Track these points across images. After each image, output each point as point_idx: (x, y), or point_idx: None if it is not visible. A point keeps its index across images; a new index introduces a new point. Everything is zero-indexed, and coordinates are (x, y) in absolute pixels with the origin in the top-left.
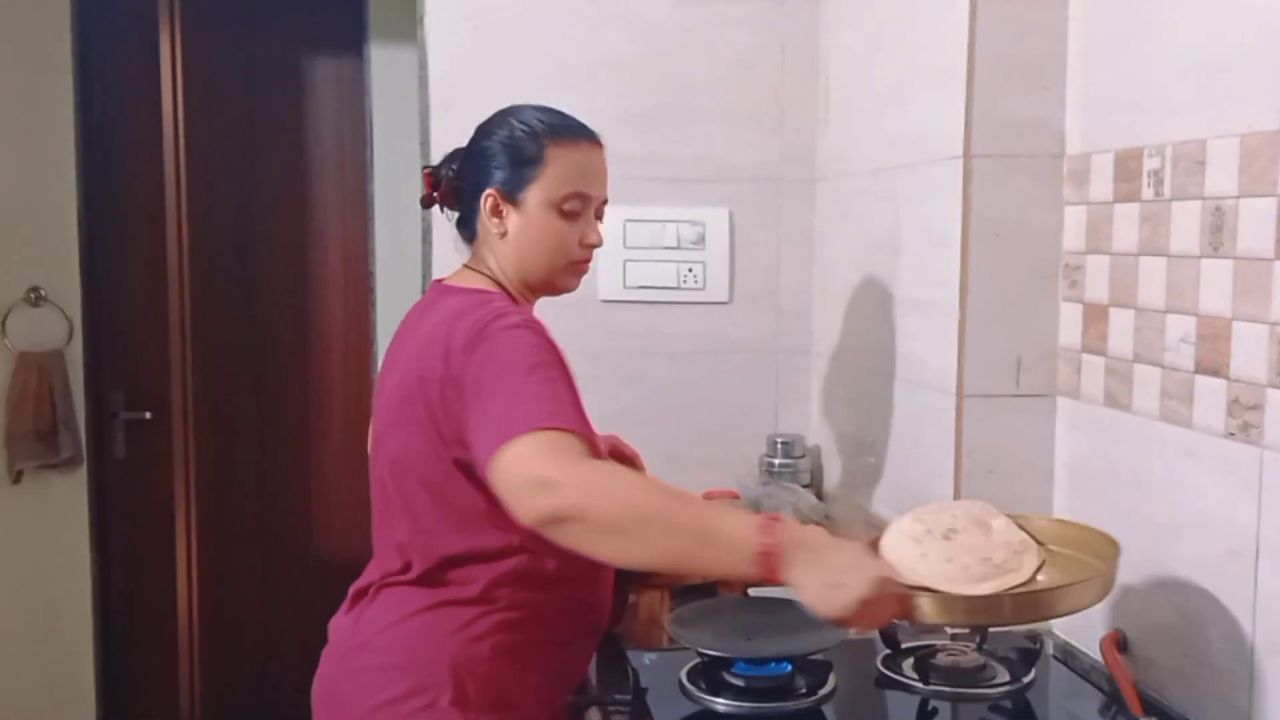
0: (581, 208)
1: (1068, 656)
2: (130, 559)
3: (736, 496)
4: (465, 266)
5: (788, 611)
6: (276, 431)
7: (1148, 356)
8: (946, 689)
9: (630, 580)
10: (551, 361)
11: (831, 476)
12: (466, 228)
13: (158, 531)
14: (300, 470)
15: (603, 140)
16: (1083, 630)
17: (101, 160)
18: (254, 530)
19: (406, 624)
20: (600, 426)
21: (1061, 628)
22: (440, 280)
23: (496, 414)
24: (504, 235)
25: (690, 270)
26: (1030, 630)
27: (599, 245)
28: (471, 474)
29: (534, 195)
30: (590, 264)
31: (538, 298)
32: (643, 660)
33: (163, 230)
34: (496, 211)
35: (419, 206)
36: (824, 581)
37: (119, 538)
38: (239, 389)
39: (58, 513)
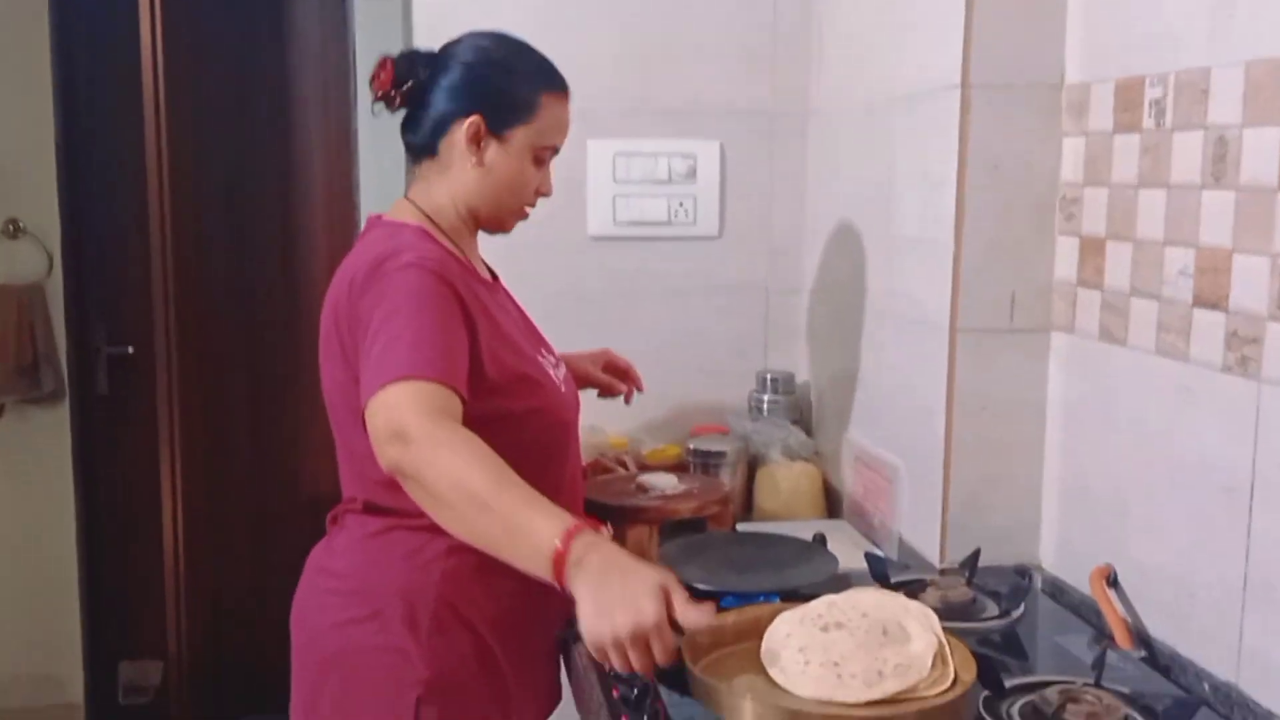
0: (549, 158)
1: (1057, 591)
2: (115, 494)
3: (726, 433)
4: (404, 199)
5: (778, 546)
6: (263, 365)
7: (1145, 290)
8: None
9: (615, 515)
10: (434, 304)
11: (821, 414)
12: (420, 139)
13: (143, 467)
14: (289, 404)
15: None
16: (1072, 565)
17: (80, 88)
18: (242, 465)
19: (360, 550)
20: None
21: (1051, 562)
22: (378, 216)
23: (374, 359)
24: (477, 165)
25: (681, 204)
26: (1019, 564)
27: (549, 196)
28: None
29: (520, 136)
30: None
31: (475, 232)
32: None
33: (142, 161)
34: (476, 140)
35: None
36: (596, 607)
37: (103, 473)
38: (225, 323)
39: (41, 448)
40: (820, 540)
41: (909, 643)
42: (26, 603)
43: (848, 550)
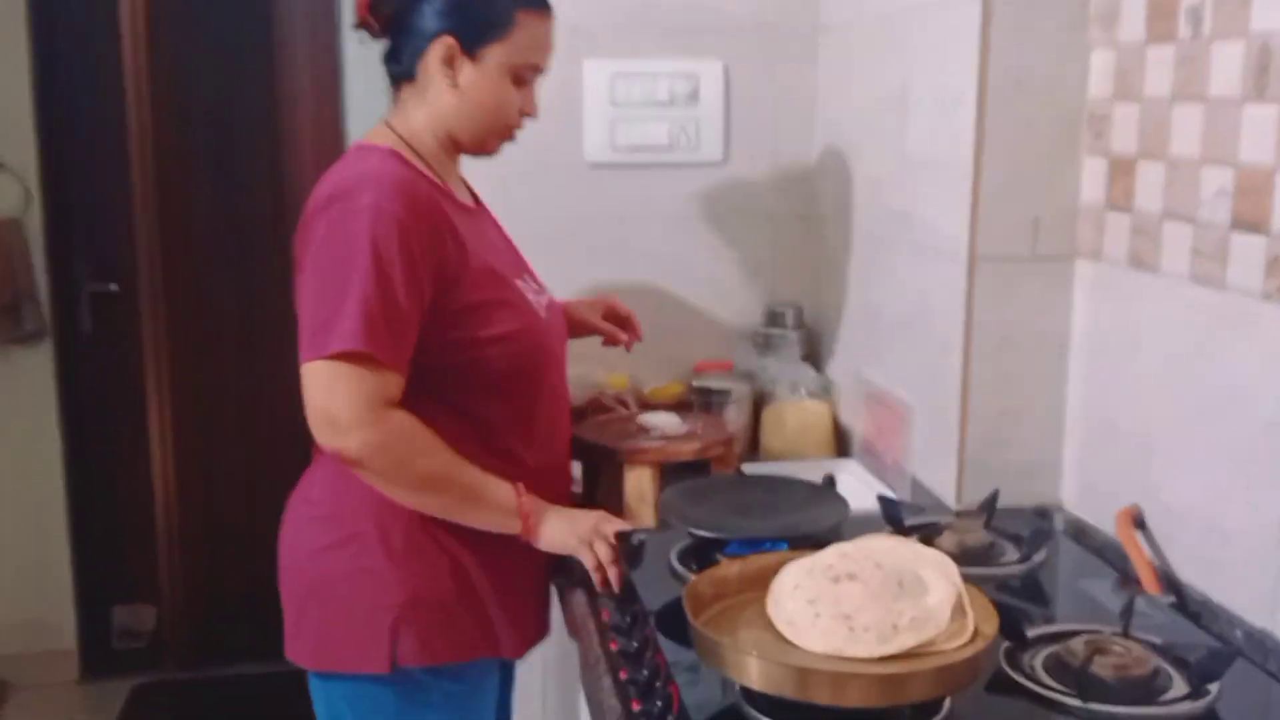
0: (531, 78)
1: (1079, 533)
2: (102, 437)
3: (730, 369)
4: (382, 124)
5: (786, 489)
6: (253, 298)
7: (1179, 212)
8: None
9: (613, 456)
10: (386, 260)
11: (831, 349)
12: (400, 65)
13: (130, 408)
14: (281, 338)
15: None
16: (1096, 505)
17: (56, 15)
18: (234, 403)
19: (335, 476)
20: (582, 296)
21: (1073, 503)
22: (358, 142)
23: (308, 319)
24: (452, 87)
25: (683, 128)
26: (1039, 505)
27: (535, 118)
28: None
29: (494, 56)
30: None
31: (457, 157)
32: (631, 540)
33: (123, 93)
34: (449, 62)
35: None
36: (562, 530)
37: (90, 415)
38: (213, 257)
39: (24, 388)
40: (830, 482)
41: (926, 594)
42: (15, 548)
43: (859, 492)
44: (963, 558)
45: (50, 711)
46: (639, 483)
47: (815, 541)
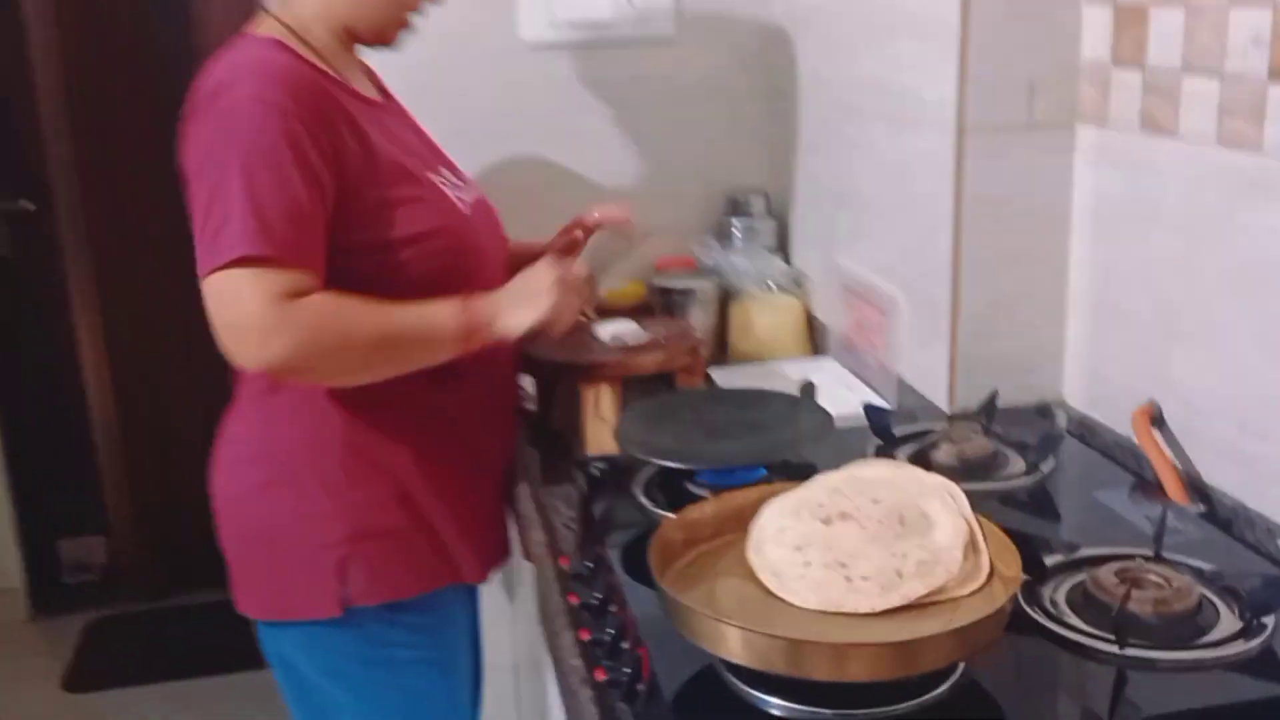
0: None
1: (1086, 431)
2: (33, 363)
3: (693, 266)
4: (262, 11)
5: (760, 404)
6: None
7: (1202, 65)
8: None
9: (566, 372)
10: (275, 152)
11: (802, 238)
12: None
13: (59, 330)
14: None
15: None
16: (1104, 400)
17: None
18: (177, 323)
19: (256, 408)
20: (528, 194)
21: (1078, 398)
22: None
23: (207, 227)
24: None
25: (629, 1)
26: (1040, 401)
27: (438, 2)
28: None
29: None
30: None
31: (351, 47)
32: (590, 469)
33: None
34: None
35: None
36: (519, 304)
37: (18, 341)
38: (136, 167)
39: None
40: (809, 391)
41: (932, 531)
42: None
43: (841, 397)
44: (963, 471)
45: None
46: (597, 402)
47: (798, 469)
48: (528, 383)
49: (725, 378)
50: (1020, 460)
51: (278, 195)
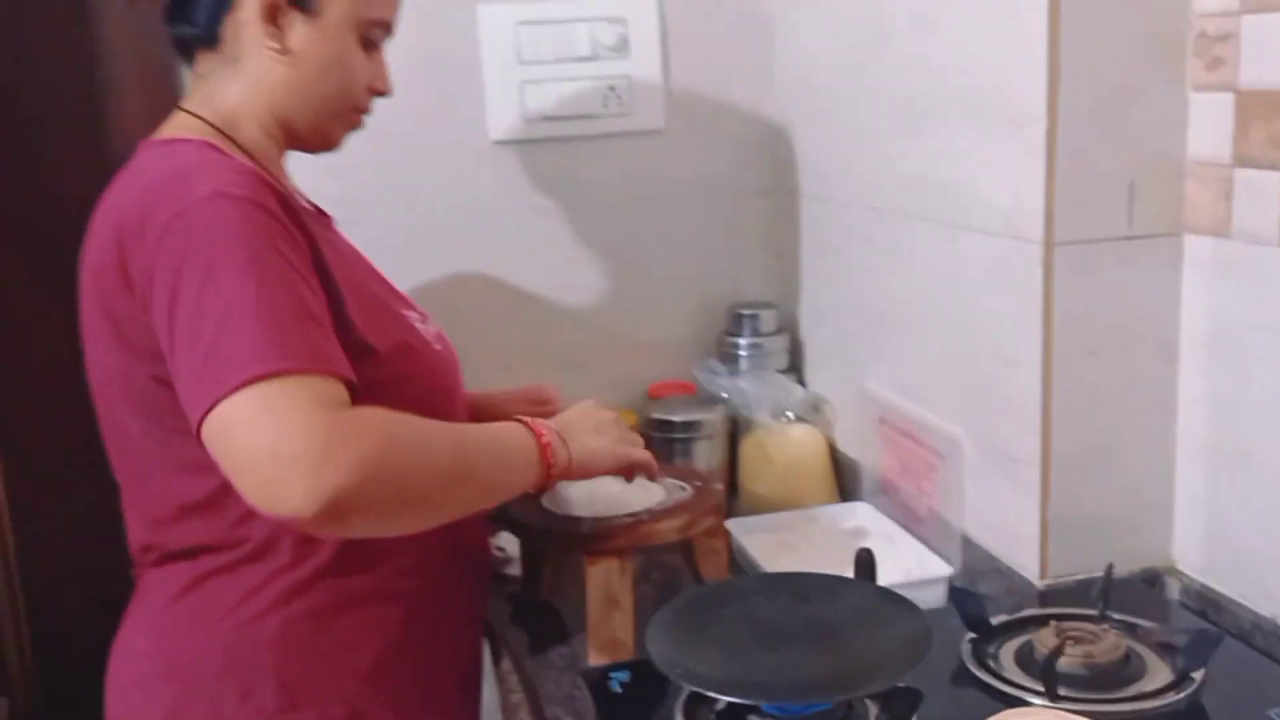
0: (380, 39)
1: (1208, 605)
2: None
3: (693, 392)
4: (179, 110)
5: (823, 596)
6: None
7: None
8: (1082, 697)
9: (556, 543)
10: (268, 253)
11: (819, 356)
12: (192, 25)
13: None
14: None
15: None
16: (1230, 570)
17: None
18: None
19: (167, 617)
20: (506, 310)
21: (1193, 564)
22: (147, 139)
23: (191, 367)
24: (281, 53)
25: (611, 88)
26: (1145, 569)
27: (388, 95)
28: None
29: (336, 9)
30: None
31: (284, 150)
32: (611, 683)
33: None
34: (273, 18)
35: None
36: (589, 433)
37: None
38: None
39: None
40: (866, 563)
41: None
42: None
43: (886, 554)
44: (1094, 682)
45: None
46: (607, 581)
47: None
48: (507, 541)
49: (747, 536)
50: (1162, 665)
51: (286, 296)
